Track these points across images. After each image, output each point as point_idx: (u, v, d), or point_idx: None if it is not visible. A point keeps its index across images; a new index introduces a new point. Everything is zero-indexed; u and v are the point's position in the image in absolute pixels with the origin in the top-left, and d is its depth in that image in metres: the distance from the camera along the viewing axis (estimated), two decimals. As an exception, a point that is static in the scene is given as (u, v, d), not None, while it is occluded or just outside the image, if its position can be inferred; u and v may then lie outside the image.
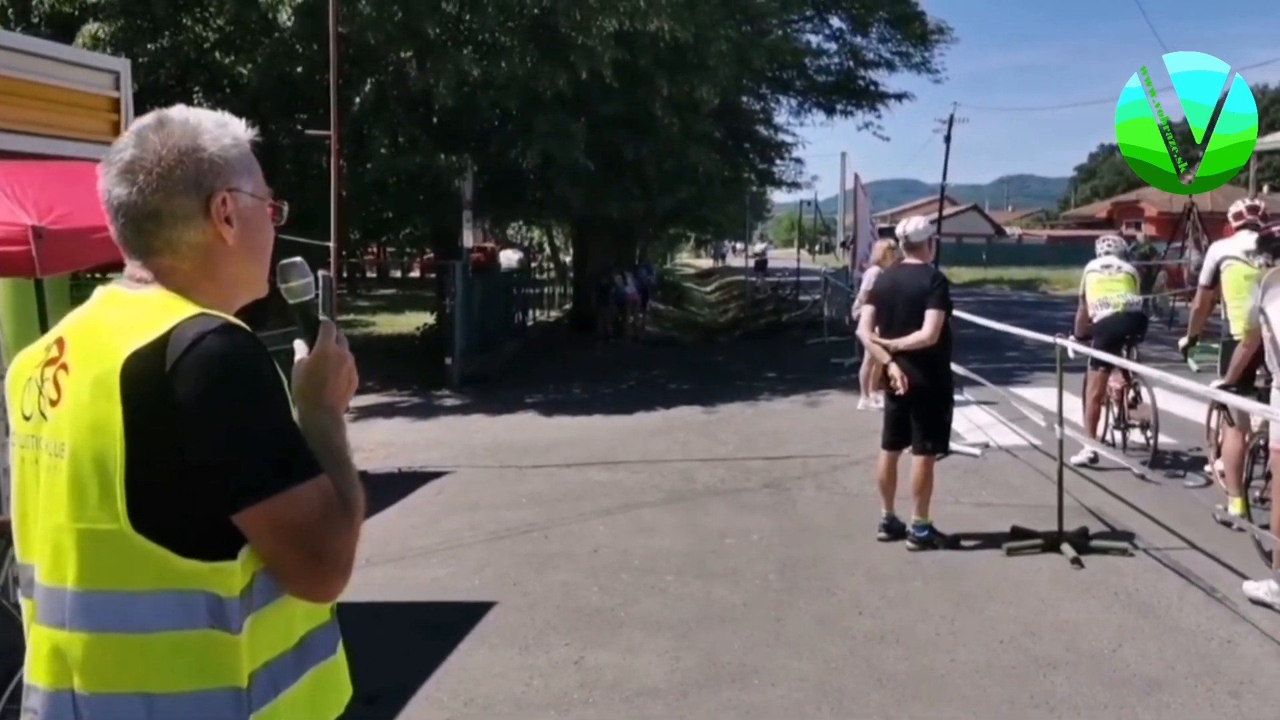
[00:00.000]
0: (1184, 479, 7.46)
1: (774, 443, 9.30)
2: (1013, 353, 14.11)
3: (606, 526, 6.67)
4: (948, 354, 6.01)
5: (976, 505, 7.01)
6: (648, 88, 13.30)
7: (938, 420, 5.91)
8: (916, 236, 6.02)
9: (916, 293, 5.79)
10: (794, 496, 7.37)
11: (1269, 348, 4.84)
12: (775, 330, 21.09)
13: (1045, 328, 18.98)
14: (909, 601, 5.15)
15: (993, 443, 8.82)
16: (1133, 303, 7.68)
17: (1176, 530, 6.03)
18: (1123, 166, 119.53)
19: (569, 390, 13.49)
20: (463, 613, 5.09)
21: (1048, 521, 6.06)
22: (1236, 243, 6.38)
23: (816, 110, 23.70)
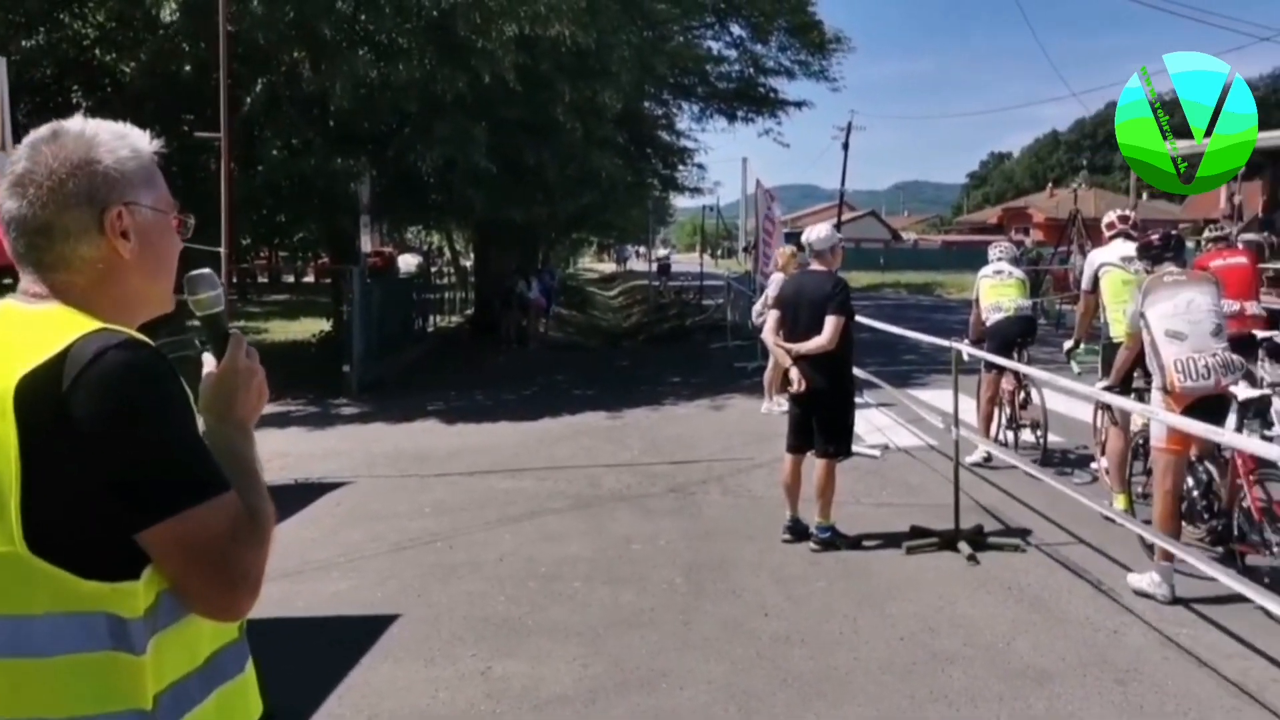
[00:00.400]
0: (1072, 476, 7.82)
1: (679, 447, 9.39)
2: (910, 356, 14.56)
3: (512, 534, 6.64)
4: (849, 359, 6.18)
5: (877, 505, 7.21)
6: (550, 92, 13.29)
7: (839, 424, 6.07)
8: (821, 244, 6.17)
9: (819, 298, 5.94)
10: (699, 500, 7.46)
11: (1148, 350, 5.11)
12: (679, 335, 21.31)
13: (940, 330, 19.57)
14: (813, 602, 5.27)
15: (892, 444, 9.08)
16: (1023, 307, 8.02)
17: (1066, 526, 6.31)
18: (1011, 174, 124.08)
19: (472, 397, 13.37)
20: (365, 626, 5.01)
21: (945, 520, 6.28)
22: (1113, 250, 6.72)
23: (718, 116, 24.06)
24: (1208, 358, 4.91)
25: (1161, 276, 5.19)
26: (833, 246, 6.23)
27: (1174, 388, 4.92)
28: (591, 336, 24.66)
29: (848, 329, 5.96)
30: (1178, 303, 5.04)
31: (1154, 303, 5.10)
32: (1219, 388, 4.91)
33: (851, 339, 6.11)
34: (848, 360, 6.17)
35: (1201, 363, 4.89)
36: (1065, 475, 7.83)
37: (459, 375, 15.59)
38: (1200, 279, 5.25)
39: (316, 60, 12.83)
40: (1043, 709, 4.03)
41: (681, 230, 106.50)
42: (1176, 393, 4.92)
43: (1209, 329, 4.99)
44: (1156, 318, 5.06)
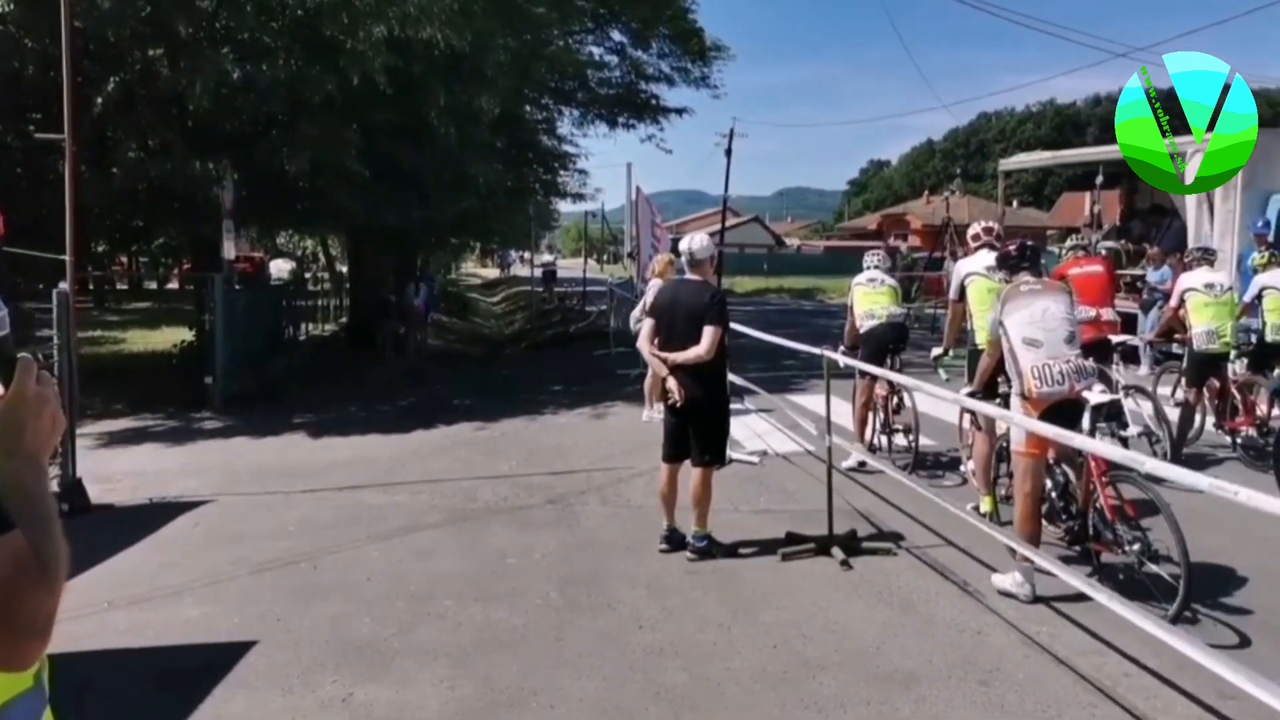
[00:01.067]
0: (943, 479, 8.09)
1: (558, 457, 9.33)
2: (789, 361, 14.76)
3: (382, 552, 6.47)
4: (724, 369, 6.23)
5: (755, 512, 7.30)
6: (424, 96, 13.05)
7: (715, 433, 6.12)
8: (699, 254, 6.20)
9: (696, 308, 5.97)
10: (577, 512, 7.42)
11: (1007, 357, 5.31)
12: (562, 341, 21.23)
13: (822, 335, 19.92)
14: (688, 612, 5.28)
15: (771, 450, 9.22)
16: (895, 314, 8.25)
17: (935, 529, 6.50)
18: (890, 181, 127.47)
19: (345, 409, 13.01)
20: (219, 655, 4.79)
21: (822, 526, 6.39)
22: (979, 259, 6.98)
23: (599, 122, 24.05)
24: (1062, 364, 5.12)
25: (1018, 286, 5.39)
26: (711, 256, 6.27)
27: (1031, 393, 5.11)
28: (473, 344, 24.35)
29: (723, 339, 6.01)
30: (1034, 311, 5.25)
31: (1011, 311, 5.29)
32: (1073, 393, 5.13)
33: (727, 349, 6.17)
34: (723, 369, 6.23)
35: (1056, 369, 5.10)
36: (936, 478, 8.13)
37: (332, 386, 15.17)
38: (1055, 288, 5.48)
39: (174, 58, 12.30)
40: (909, 712, 4.12)
41: (567, 236, 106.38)
42: (1033, 398, 5.12)
43: (1063, 336, 5.21)
44: (1014, 325, 5.25)
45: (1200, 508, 5.06)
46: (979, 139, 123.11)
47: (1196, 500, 3.86)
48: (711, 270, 6.31)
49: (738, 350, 9.80)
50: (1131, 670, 4.42)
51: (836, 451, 7.33)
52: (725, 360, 6.21)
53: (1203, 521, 5.51)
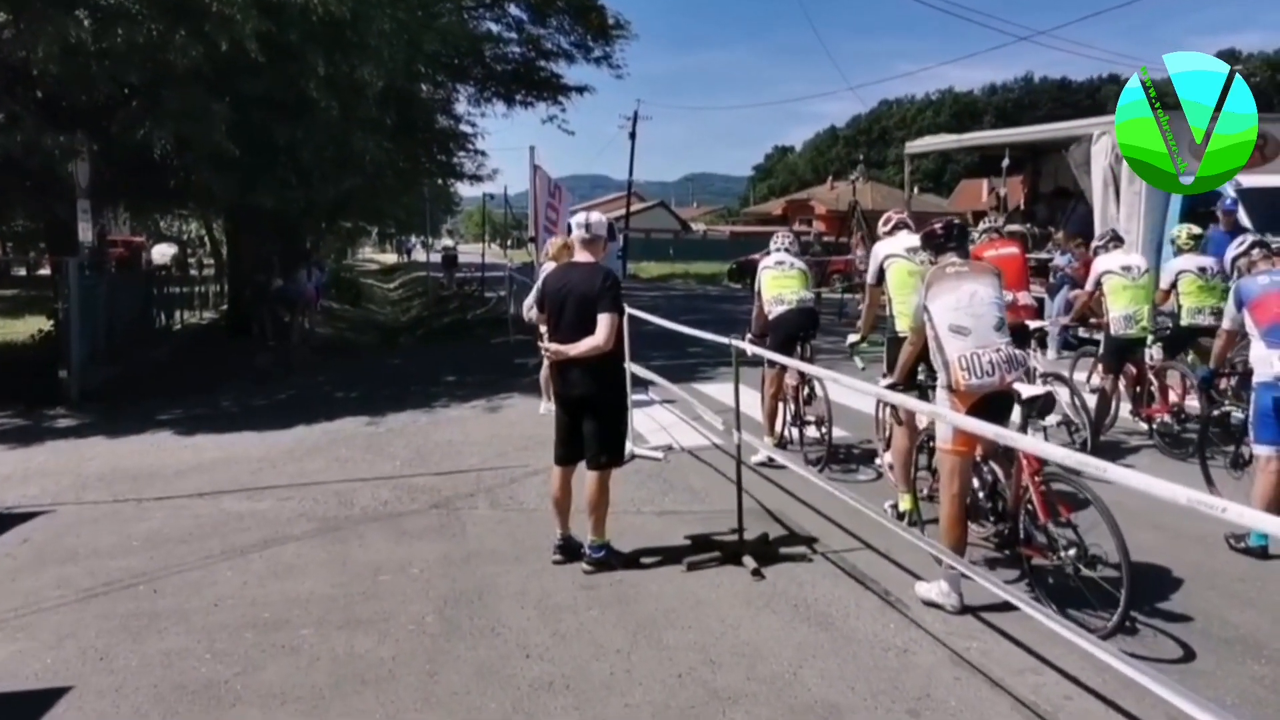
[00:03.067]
0: (857, 473, 7.68)
1: (447, 455, 8.65)
2: (695, 348, 14.35)
3: (236, 571, 5.73)
4: (621, 360, 5.67)
5: (658, 514, 6.77)
6: (301, 65, 12.10)
7: (612, 431, 5.54)
8: (597, 229, 5.60)
9: (588, 294, 5.38)
10: (464, 517, 6.77)
11: (932, 346, 4.86)
12: (459, 330, 20.39)
13: (728, 322, 19.49)
14: (582, 636, 4.70)
15: (676, 444, 8.70)
16: (805, 299, 7.79)
17: (852, 530, 6.05)
18: (795, 167, 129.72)
19: (216, 404, 12.06)
20: (21, 708, 4.04)
21: (731, 528, 5.90)
22: (898, 241, 6.55)
23: (497, 101, 23.23)
24: (991, 353, 4.69)
25: (944, 267, 4.95)
26: (605, 235, 5.67)
27: (959, 385, 4.67)
28: (365, 333, 23.30)
29: (620, 327, 5.44)
30: (960, 295, 4.81)
31: (937, 295, 4.85)
32: (1003, 384, 4.71)
33: (623, 338, 5.60)
34: (620, 361, 5.66)
35: (986, 358, 4.67)
36: (851, 472, 7.72)
37: (205, 379, 14.11)
38: (983, 270, 5.05)
39: (17, 21, 11.12)
40: (832, 753, 3.63)
41: (470, 220, 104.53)
42: (961, 391, 4.68)
43: (992, 323, 4.78)
44: (940, 311, 4.81)
45: (1129, 503, 4.68)
46: (881, 126, 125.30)
47: (1125, 495, 3.43)
48: (606, 251, 5.70)
49: (643, 338, 9.28)
50: (1073, 692, 4.01)
51: (746, 447, 6.85)
52: (622, 351, 5.63)
53: (1131, 518, 5.14)
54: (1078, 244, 13.29)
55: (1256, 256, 5.78)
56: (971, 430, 4.35)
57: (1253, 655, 4.38)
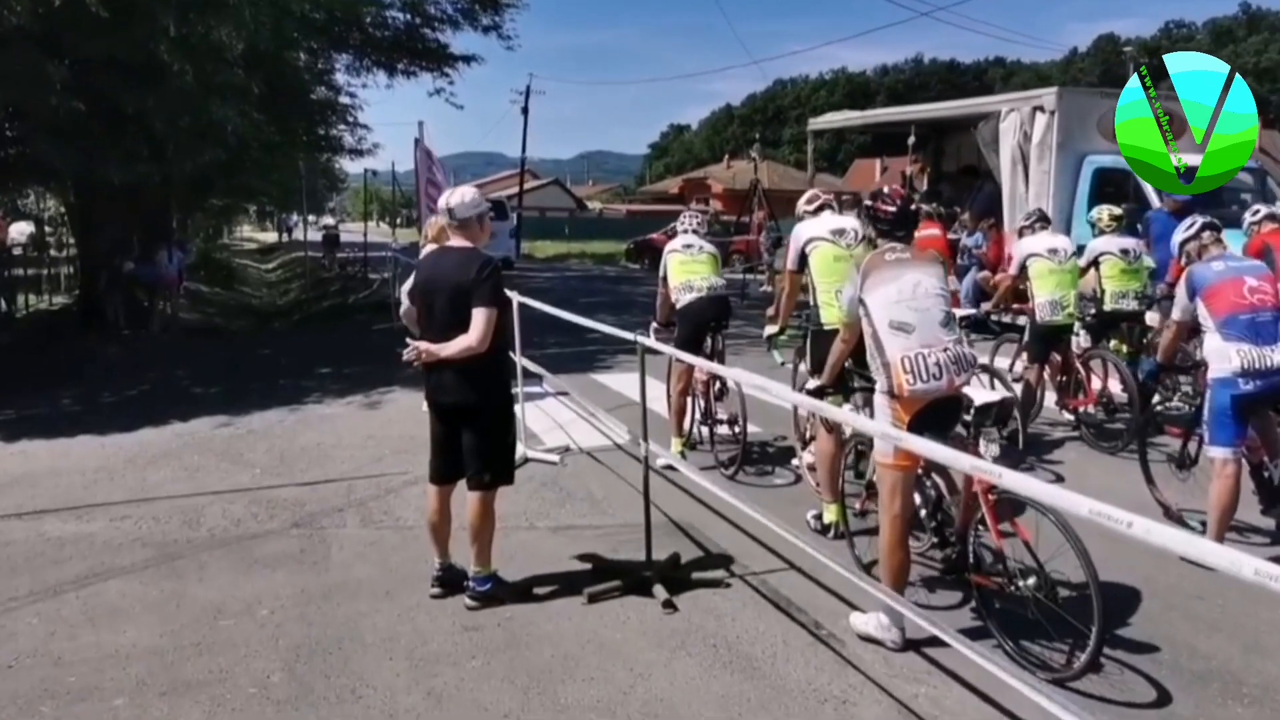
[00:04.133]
0: (773, 476, 7.09)
1: (315, 461, 7.75)
2: (594, 334, 13.61)
3: (44, 618, 4.79)
4: (504, 360, 4.90)
5: (554, 530, 6.05)
6: (149, 25, 10.90)
7: (496, 445, 4.78)
8: (463, 211, 4.78)
9: (461, 285, 4.59)
10: (329, 539, 5.93)
11: (870, 344, 4.24)
12: (339, 314, 19.19)
13: (628, 305, 18.82)
14: (462, 696, 3.95)
15: (574, 444, 7.98)
16: (717, 285, 7.14)
17: (773, 547, 5.41)
18: (691, 145, 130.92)
19: (56, 401, 10.80)
20: None
21: (637, 547, 5.23)
22: (822, 223, 5.94)
23: (378, 70, 21.90)
24: (938, 353, 4.10)
25: (883, 254, 4.33)
26: (480, 215, 4.84)
27: (901, 391, 4.06)
28: (236, 318, 21.82)
29: (500, 323, 4.67)
30: (902, 286, 4.20)
31: (875, 286, 4.23)
32: (952, 389, 4.12)
33: (509, 334, 4.84)
34: (503, 361, 4.89)
35: (933, 359, 4.07)
36: (766, 475, 7.13)
37: (46, 372, 12.74)
38: (926, 258, 4.45)
39: None
40: None
41: (356, 198, 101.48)
42: (905, 397, 4.07)
43: (938, 318, 4.19)
44: (878, 304, 4.19)
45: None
46: (776, 105, 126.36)
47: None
48: (485, 235, 4.90)
49: (535, 323, 8.50)
50: (1043, 754, 3.45)
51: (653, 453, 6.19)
52: (506, 350, 4.87)
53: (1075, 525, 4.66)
54: (990, 225, 13.03)
55: (1207, 240, 5.35)
56: (920, 454, 3.75)
57: (1232, 694, 3.90)
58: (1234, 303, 5.00)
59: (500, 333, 4.74)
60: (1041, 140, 12.14)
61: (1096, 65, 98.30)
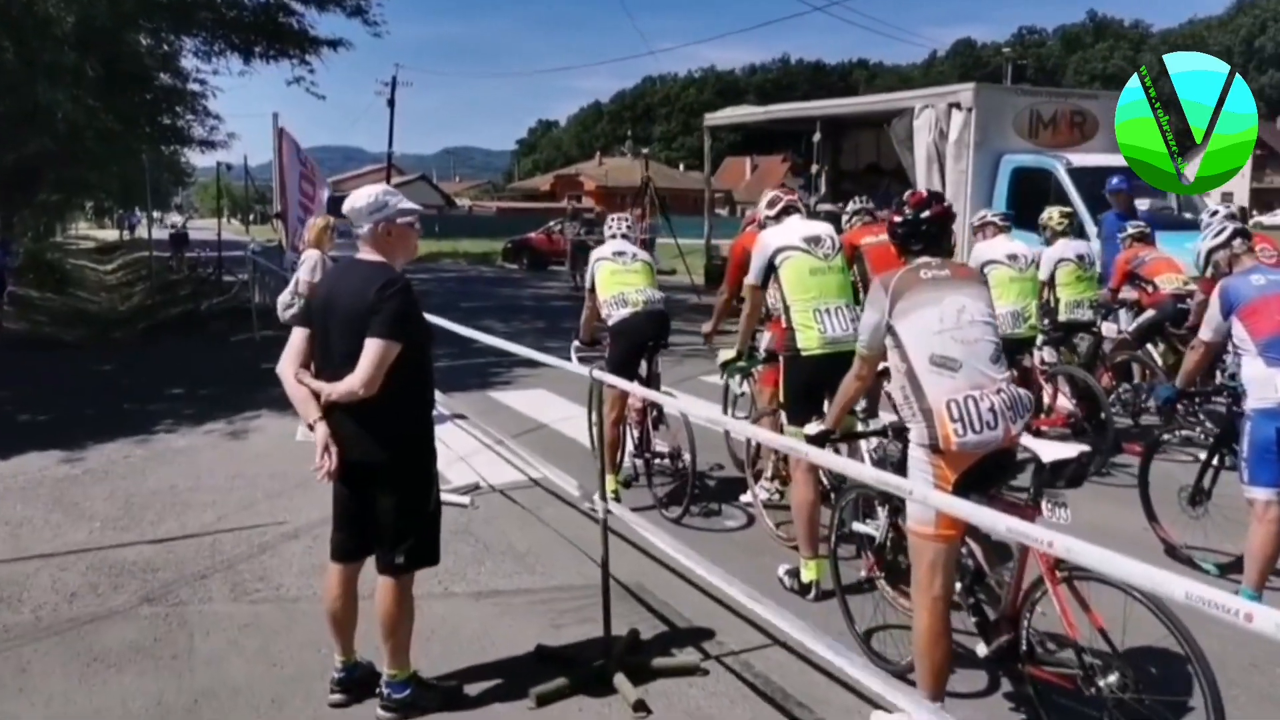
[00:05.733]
0: (722, 516, 6.25)
1: (169, 509, 6.52)
2: (482, 345, 12.59)
3: None
4: (424, 407, 3.86)
5: (476, 597, 5.06)
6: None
7: (413, 516, 3.74)
8: (360, 217, 3.71)
9: (356, 309, 3.56)
10: (191, 619, 4.78)
11: (903, 384, 3.41)
12: (191, 323, 17.42)
13: (515, 310, 17.73)
14: None
15: (483, 481, 6.96)
16: (654, 299, 6.24)
17: (744, 613, 4.56)
18: (560, 142, 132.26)
19: None
20: None
21: (581, 616, 4.32)
22: (791, 229, 5.12)
23: (232, 54, 20.19)
24: (991, 395, 3.31)
25: (918, 271, 3.51)
26: (390, 218, 3.72)
27: (949, 444, 3.26)
28: (72, 327, 19.65)
29: (413, 359, 3.65)
30: (944, 312, 3.39)
31: (909, 310, 3.41)
32: (1009, 440, 3.34)
33: (426, 375, 3.81)
34: (422, 408, 3.85)
35: (985, 404, 3.28)
36: (713, 516, 6.28)
37: None
38: (969, 276, 3.66)
39: None
40: None
41: (205, 193, 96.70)
42: (951, 452, 3.27)
43: (988, 351, 3.40)
44: (915, 335, 3.38)
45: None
46: (645, 103, 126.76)
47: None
48: (402, 246, 3.81)
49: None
50: None
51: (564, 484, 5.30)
52: (422, 394, 3.82)
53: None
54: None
55: (1239, 249, 4.76)
56: (980, 525, 2.94)
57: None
58: (1279, 322, 4.41)
59: (418, 371, 3.72)
60: (958, 138, 11.73)
61: (955, 68, 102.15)
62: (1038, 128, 12.15)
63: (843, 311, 4.88)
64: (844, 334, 4.80)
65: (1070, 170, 11.42)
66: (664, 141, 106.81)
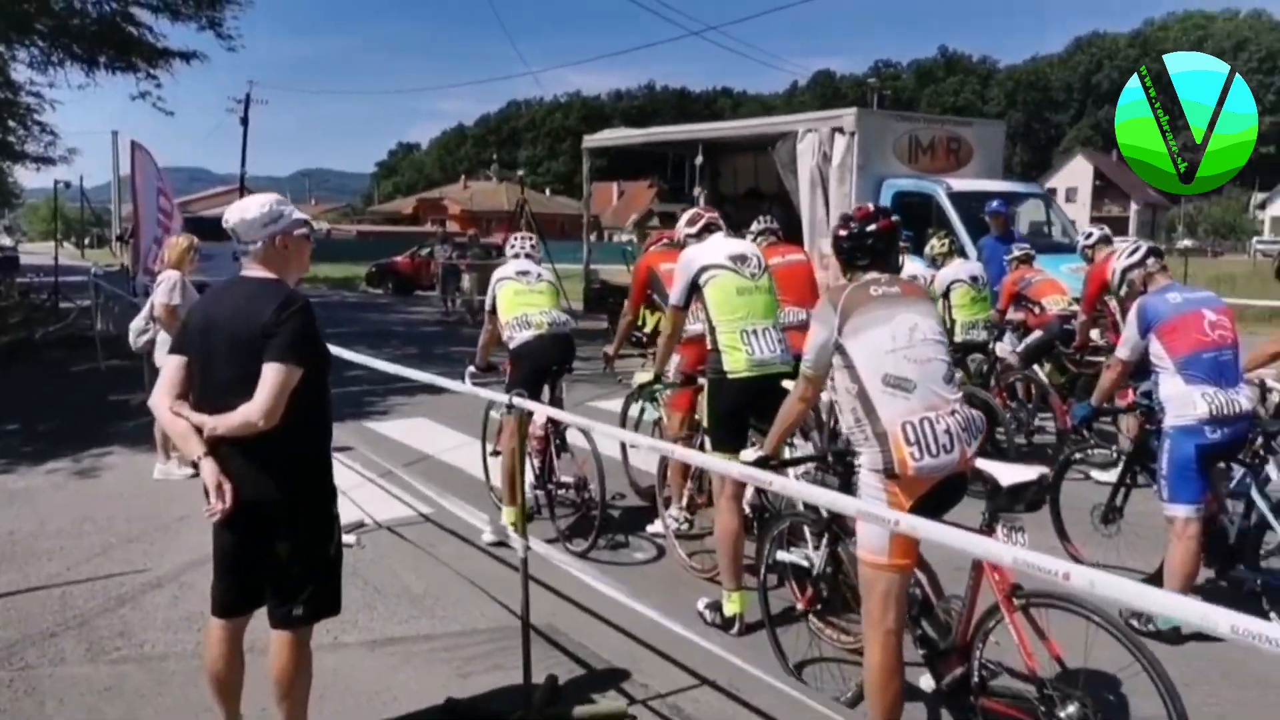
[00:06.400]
0: (629, 549, 6.02)
1: (8, 558, 5.86)
2: (354, 371, 11.99)
3: None
4: (323, 441, 3.48)
5: (371, 646, 4.68)
6: None
7: (315, 561, 3.38)
8: (249, 231, 3.33)
9: (248, 330, 3.20)
10: (42, 685, 4.26)
11: (854, 406, 3.27)
12: (24, 352, 16.12)
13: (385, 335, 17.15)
14: None
15: (369, 519, 6.54)
16: (559, 321, 5.98)
17: (666, 651, 4.34)
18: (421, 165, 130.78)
19: None
20: None
21: (489, 662, 4.02)
22: (716, 247, 4.96)
23: (73, 65, 18.99)
24: (946, 417, 3.20)
25: (867, 287, 3.37)
26: (286, 230, 3.38)
27: (905, 469, 3.13)
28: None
29: (313, 386, 3.30)
30: (896, 330, 3.26)
31: (860, 329, 3.27)
32: (964, 463, 3.23)
33: (326, 403, 3.44)
34: (321, 442, 3.47)
35: (941, 426, 3.17)
36: (620, 548, 6.04)
37: None
38: (917, 293, 3.54)
39: None
40: None
41: (35, 214, 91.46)
42: (909, 476, 3.14)
43: (941, 372, 3.29)
44: (867, 355, 3.24)
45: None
46: (510, 126, 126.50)
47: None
48: (294, 262, 3.45)
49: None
50: None
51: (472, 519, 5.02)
52: (322, 425, 3.46)
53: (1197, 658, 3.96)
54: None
55: (1153, 267, 4.83)
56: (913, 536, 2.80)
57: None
58: (1196, 340, 4.48)
59: (318, 399, 3.38)
60: (841, 162, 11.89)
61: (817, 97, 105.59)
62: (917, 153, 12.44)
63: (770, 333, 4.74)
64: (771, 356, 4.67)
65: (950, 195, 11.73)
66: (530, 166, 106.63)
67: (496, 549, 5.77)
